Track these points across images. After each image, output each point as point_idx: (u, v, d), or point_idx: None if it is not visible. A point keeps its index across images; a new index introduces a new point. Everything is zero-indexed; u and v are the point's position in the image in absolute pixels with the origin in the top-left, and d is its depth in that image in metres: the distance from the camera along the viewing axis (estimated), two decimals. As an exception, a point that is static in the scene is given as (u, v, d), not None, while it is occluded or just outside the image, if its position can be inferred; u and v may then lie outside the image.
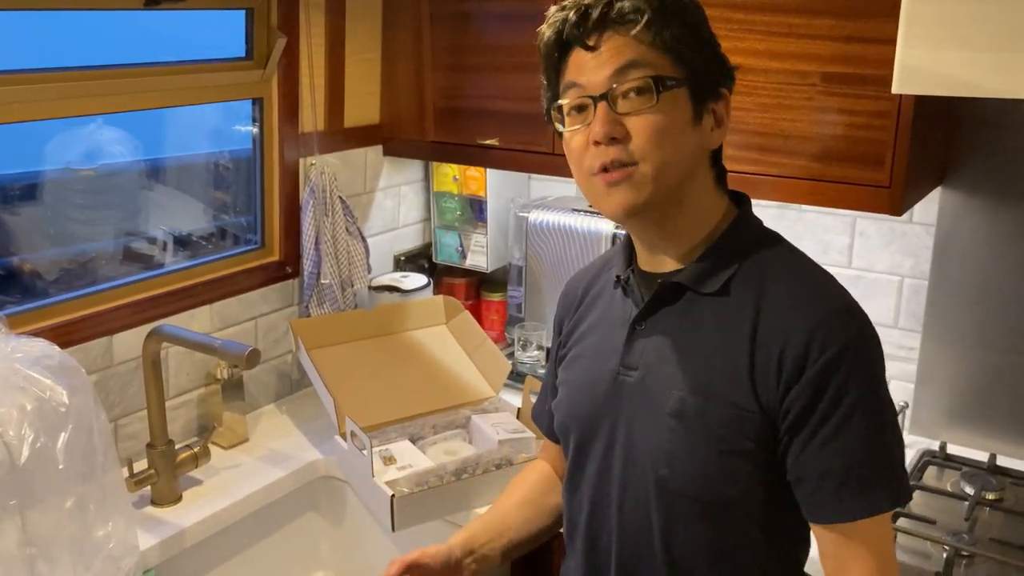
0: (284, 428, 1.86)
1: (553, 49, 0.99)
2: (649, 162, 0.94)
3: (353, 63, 1.97)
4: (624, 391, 1.04)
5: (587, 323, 1.13)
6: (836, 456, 0.92)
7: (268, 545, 1.69)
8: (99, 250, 1.80)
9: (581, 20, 0.95)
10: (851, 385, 0.91)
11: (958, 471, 1.66)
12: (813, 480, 0.94)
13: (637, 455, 1.02)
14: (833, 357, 0.91)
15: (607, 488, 1.06)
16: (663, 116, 0.94)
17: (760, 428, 0.95)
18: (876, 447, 0.93)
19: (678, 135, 0.96)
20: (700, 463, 0.97)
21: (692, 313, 1.00)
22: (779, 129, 1.54)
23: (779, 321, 0.94)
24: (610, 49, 0.95)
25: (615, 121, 0.94)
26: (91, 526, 1.17)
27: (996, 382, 1.70)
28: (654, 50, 0.94)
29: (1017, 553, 1.41)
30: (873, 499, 0.93)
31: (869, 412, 0.92)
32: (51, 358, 1.17)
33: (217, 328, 1.81)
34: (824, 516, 0.95)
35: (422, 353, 1.90)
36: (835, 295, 0.97)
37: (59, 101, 1.51)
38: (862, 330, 0.94)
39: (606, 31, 0.95)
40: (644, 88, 0.94)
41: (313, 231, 1.89)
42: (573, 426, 1.11)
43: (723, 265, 1.00)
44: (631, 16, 0.94)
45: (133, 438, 1.66)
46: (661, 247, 1.03)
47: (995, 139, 1.63)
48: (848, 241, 1.81)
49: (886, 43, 1.37)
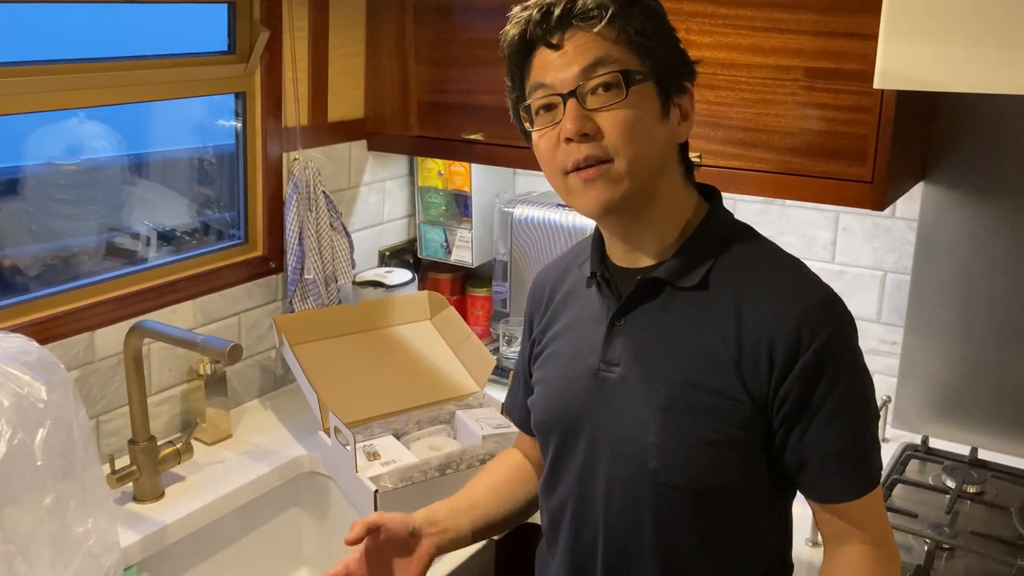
0: (268, 424, 1.85)
1: (517, 49, 0.99)
2: (623, 157, 0.95)
3: (337, 57, 1.96)
4: (607, 387, 1.04)
5: (562, 321, 1.12)
6: (837, 438, 0.96)
7: (252, 541, 1.68)
8: (82, 245, 1.79)
9: (544, 19, 0.96)
10: (842, 369, 0.95)
11: (940, 465, 1.67)
12: (817, 462, 0.97)
13: (624, 450, 1.02)
14: (823, 344, 0.94)
15: (592, 484, 1.06)
16: (633, 110, 0.95)
17: (750, 417, 0.96)
18: (867, 426, 0.98)
19: (649, 129, 0.96)
20: (690, 454, 0.98)
21: (672, 308, 1.01)
22: (762, 124, 1.55)
23: (763, 313, 0.96)
24: (575, 47, 0.95)
25: (585, 117, 0.94)
26: (71, 523, 1.16)
27: (978, 376, 1.71)
28: (619, 46, 0.95)
29: (997, 546, 1.42)
30: (870, 474, 0.99)
31: (859, 393, 0.97)
32: (29, 354, 1.16)
33: (200, 324, 1.80)
34: (833, 496, 0.99)
35: (406, 348, 1.89)
36: (814, 285, 1.00)
37: (39, 95, 1.49)
38: (844, 316, 0.98)
39: (569, 29, 0.95)
40: (613, 83, 0.94)
41: (296, 226, 1.88)
42: (553, 424, 1.10)
43: (700, 259, 1.00)
44: (594, 12, 0.94)
45: (115, 434, 1.65)
46: (636, 243, 1.03)
47: (977, 134, 1.64)
48: (831, 236, 1.82)
49: (868, 38, 1.38)
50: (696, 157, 1.60)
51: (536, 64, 0.98)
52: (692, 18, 1.56)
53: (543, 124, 0.98)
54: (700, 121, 1.59)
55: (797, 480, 1.00)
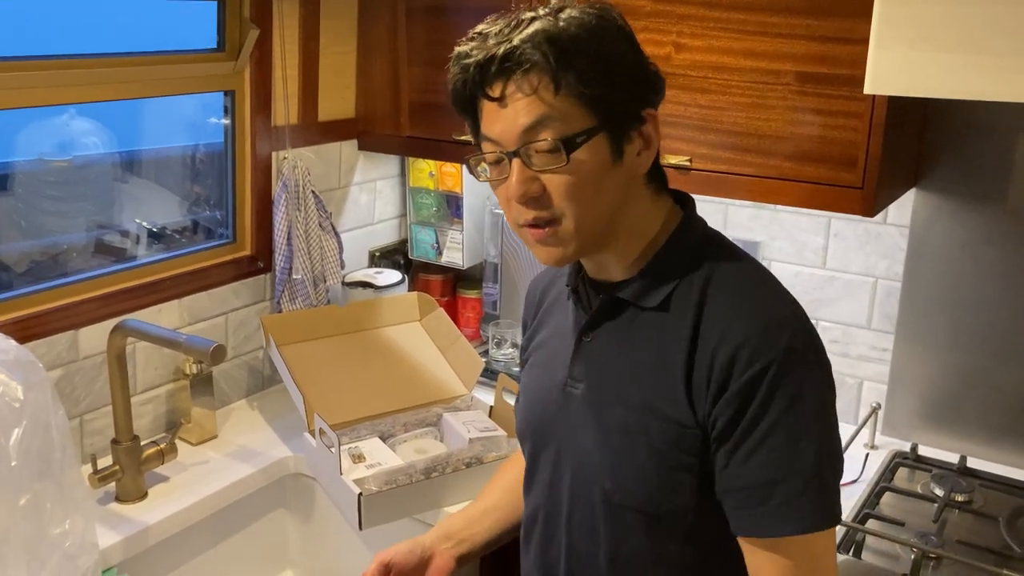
0: (254, 424, 1.84)
1: (461, 97, 0.96)
2: (570, 218, 0.93)
3: (327, 56, 1.95)
4: (572, 403, 1.04)
5: (545, 331, 1.13)
6: (756, 472, 0.91)
7: (236, 542, 1.67)
8: (71, 242, 1.78)
9: (484, 68, 0.91)
10: (772, 403, 0.89)
11: (928, 473, 1.66)
12: (735, 495, 0.93)
13: (584, 467, 1.02)
14: (756, 373, 0.89)
15: (558, 497, 1.06)
16: (576, 175, 0.91)
17: (700, 444, 0.94)
18: (798, 466, 0.90)
19: (597, 184, 0.93)
20: (643, 477, 0.97)
21: (634, 327, 1.00)
22: (754, 128, 1.54)
23: (713, 336, 0.93)
24: (516, 104, 0.91)
25: (531, 179, 0.92)
26: (47, 524, 1.14)
27: (968, 385, 1.70)
28: (562, 100, 0.90)
29: (984, 555, 1.41)
30: (797, 519, 0.91)
31: (791, 429, 0.90)
32: (6, 352, 1.14)
33: (186, 323, 1.79)
34: (745, 531, 0.94)
35: (395, 350, 1.88)
36: (771, 307, 0.95)
37: (28, 90, 1.48)
38: (790, 346, 0.91)
39: (510, 81, 0.90)
40: (553, 149, 0.90)
41: (285, 226, 1.87)
42: (527, 433, 1.12)
43: (665, 278, 0.98)
44: (531, 66, 0.89)
45: (99, 433, 1.64)
46: (604, 266, 1.03)
47: (969, 141, 1.63)
48: (823, 242, 1.81)
49: (860, 43, 1.37)
50: (687, 161, 1.59)
51: (484, 112, 0.94)
52: (684, 21, 1.55)
53: (495, 177, 0.96)
54: (691, 125, 1.59)
55: (724, 508, 0.95)
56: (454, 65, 0.95)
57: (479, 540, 1.18)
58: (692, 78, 1.57)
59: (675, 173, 1.60)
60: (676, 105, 1.59)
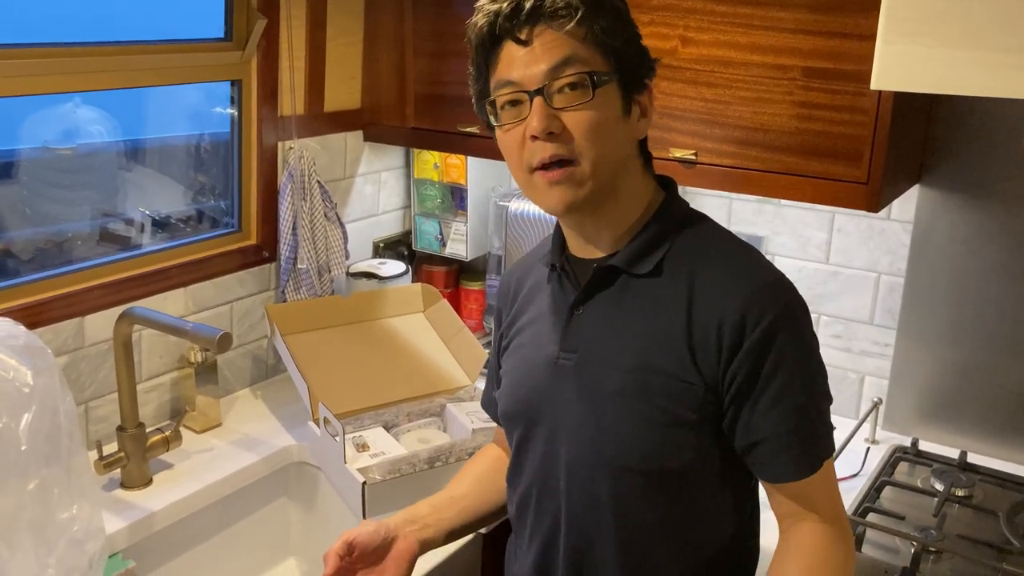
0: (258, 413, 1.85)
1: (485, 41, 0.99)
2: (588, 159, 0.97)
3: (334, 47, 1.95)
4: (565, 375, 1.06)
5: (527, 315, 1.15)
6: (784, 419, 0.98)
7: (239, 530, 1.68)
8: (75, 230, 1.78)
9: (514, 13, 0.96)
10: (788, 351, 0.97)
11: (929, 467, 1.66)
12: (765, 444, 0.99)
13: (582, 436, 1.04)
14: (769, 326, 0.96)
15: (553, 471, 1.08)
16: (598, 112, 0.96)
17: (702, 399, 0.99)
18: (815, 406, 1.00)
19: (612, 129, 0.98)
20: (645, 437, 1.00)
21: (627, 295, 1.03)
22: (759, 123, 1.54)
23: (714, 297, 0.98)
24: (543, 44, 0.95)
25: (552, 116, 0.95)
26: (54, 509, 1.15)
27: (969, 380, 1.71)
28: (586, 45, 0.96)
29: (983, 549, 1.42)
30: (818, 454, 1.00)
31: (807, 374, 0.99)
32: (16, 338, 1.15)
33: (192, 311, 1.79)
34: (781, 476, 1.00)
35: (398, 340, 1.89)
36: (764, 270, 1.02)
37: (34, 78, 1.48)
38: (792, 300, 1.00)
39: (538, 25, 0.96)
40: (580, 83, 0.95)
41: (290, 216, 1.87)
42: (516, 413, 1.13)
43: (654, 247, 1.03)
44: (563, 11, 0.95)
45: (104, 420, 1.65)
46: (594, 235, 1.06)
47: (974, 138, 1.64)
48: (826, 237, 1.81)
49: (866, 39, 1.38)
50: (692, 155, 1.60)
51: (503, 58, 0.98)
52: (690, 15, 1.55)
53: (508, 120, 0.99)
54: (697, 119, 1.59)
55: (747, 461, 1.02)
56: (478, 13, 0.99)
57: (444, 527, 1.18)
58: (698, 72, 1.57)
59: (681, 167, 1.62)
60: (682, 99, 1.59)
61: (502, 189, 2.15)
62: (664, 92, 1.59)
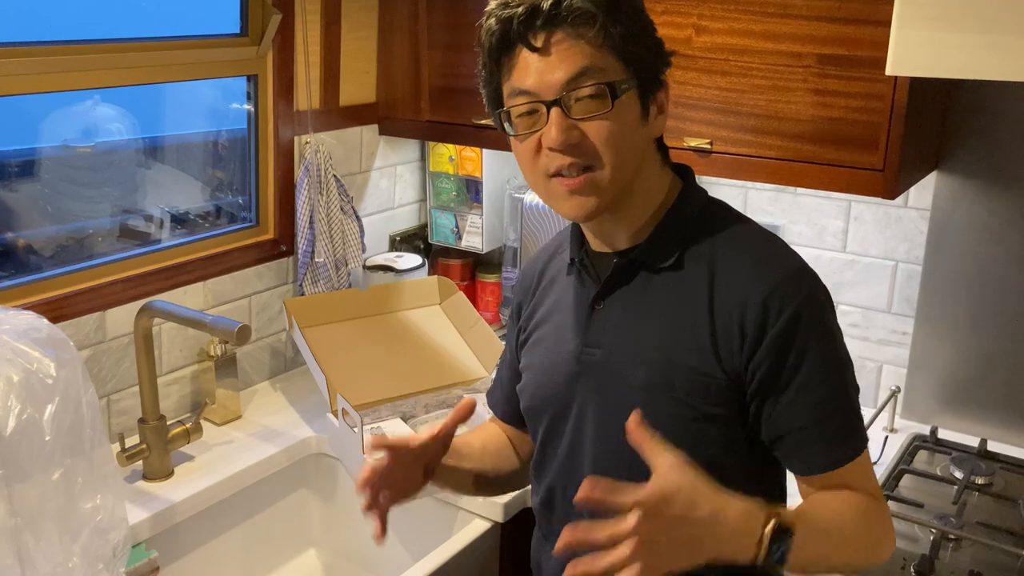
0: (277, 405, 1.86)
1: (497, 46, 0.96)
2: (607, 166, 0.96)
3: (349, 41, 1.96)
4: (589, 370, 1.05)
5: (545, 307, 1.14)
6: (812, 410, 0.96)
7: (259, 521, 1.70)
8: (96, 227, 1.80)
9: (529, 18, 0.92)
10: (812, 341, 0.95)
11: (948, 456, 1.66)
12: (792, 436, 0.97)
13: (608, 430, 1.03)
14: (791, 317, 0.94)
15: (579, 466, 1.07)
16: (618, 121, 0.95)
17: (726, 393, 0.98)
18: (842, 396, 0.98)
19: (631, 136, 0.97)
20: (671, 431, 0.97)
21: (649, 288, 1.02)
22: (774, 111, 1.54)
23: (735, 289, 0.97)
24: (560, 53, 0.92)
25: (571, 127, 0.94)
26: (78, 499, 1.17)
27: (988, 368, 1.70)
28: (604, 52, 0.93)
29: (1004, 536, 1.41)
30: (850, 444, 0.99)
31: (832, 364, 0.97)
32: (39, 331, 1.17)
33: (211, 305, 1.81)
34: (813, 468, 0.99)
35: (415, 333, 1.90)
36: (785, 259, 1.00)
37: (51, 75, 1.50)
38: (814, 289, 0.98)
39: (555, 32, 0.92)
40: (599, 94, 0.93)
41: (307, 210, 1.89)
42: (542, 408, 1.12)
43: (674, 240, 1.02)
44: (581, 18, 0.92)
45: (126, 413, 1.67)
46: (612, 231, 1.05)
47: (992, 123, 1.62)
48: (843, 225, 1.81)
49: (881, 25, 1.37)
50: (707, 143, 1.60)
51: (517, 65, 0.95)
52: (704, 4, 1.55)
53: (524, 129, 0.97)
54: (712, 107, 1.59)
55: (776, 453, 1.01)
56: (490, 18, 0.96)
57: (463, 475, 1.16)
58: (713, 61, 1.57)
59: (696, 156, 1.61)
60: (697, 88, 1.59)
61: (517, 181, 2.15)
62: (678, 81, 1.59)
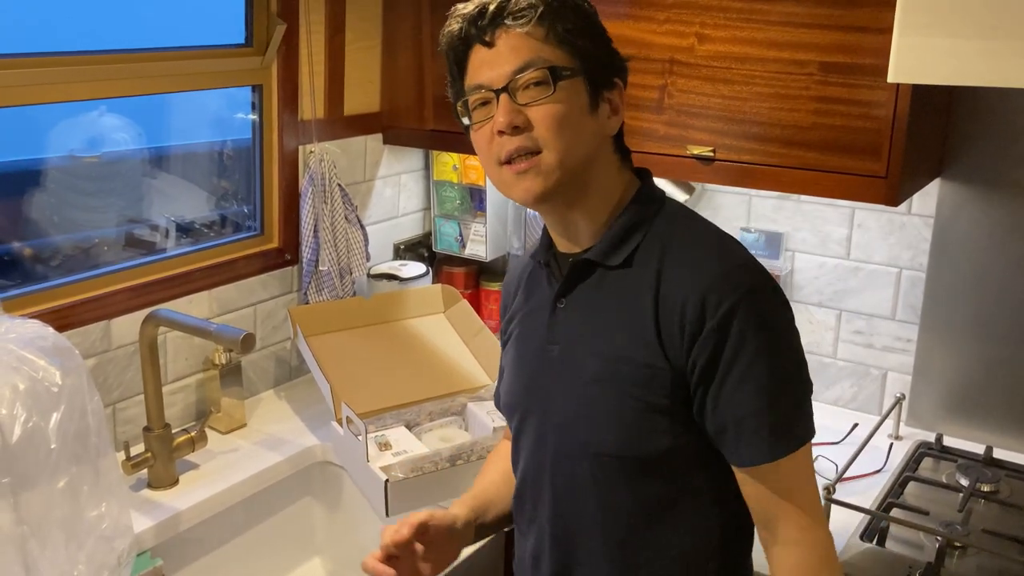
0: (282, 414, 1.87)
1: (456, 46, 1.04)
2: (552, 149, 1.00)
3: (353, 51, 1.97)
4: (550, 366, 1.10)
5: (523, 310, 1.18)
6: (749, 400, 0.98)
7: (264, 529, 1.70)
8: (102, 236, 1.81)
9: (479, 17, 1.01)
10: (749, 334, 0.97)
11: (954, 463, 1.65)
12: (730, 428, 0.99)
13: (564, 423, 1.08)
14: (729, 309, 0.97)
15: (542, 459, 1.11)
16: (561, 105, 1.00)
17: (671, 384, 1.00)
18: (782, 390, 0.99)
19: (577, 122, 1.01)
20: (620, 423, 1.02)
21: (603, 286, 1.06)
22: (777, 119, 1.54)
23: (679, 284, 1.00)
24: (507, 46, 1.00)
25: (516, 111, 1.00)
26: (84, 507, 1.17)
27: (993, 375, 1.70)
28: (549, 44, 1.00)
29: (1010, 544, 1.41)
30: (789, 438, 0.99)
31: (772, 357, 0.98)
32: (45, 339, 1.17)
33: (216, 314, 1.82)
34: (748, 458, 1.00)
35: (419, 341, 1.90)
36: (730, 255, 1.02)
37: (57, 85, 1.51)
38: (757, 283, 1.00)
39: (501, 27, 1.00)
40: (541, 80, 0.99)
41: (312, 219, 1.89)
42: (513, 404, 1.17)
43: (627, 238, 1.05)
44: (525, 12, 0.99)
45: (131, 422, 1.67)
46: (572, 230, 1.08)
47: (995, 130, 1.62)
48: (847, 232, 1.81)
49: (883, 32, 1.37)
50: (710, 152, 1.60)
51: (473, 62, 1.03)
52: (707, 12, 1.55)
53: (479, 118, 1.03)
54: (714, 115, 1.59)
55: (719, 447, 1.02)
56: (453, 16, 1.04)
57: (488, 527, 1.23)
58: (715, 69, 1.57)
59: (699, 164, 1.62)
60: (699, 96, 1.59)
61: (521, 190, 2.15)
62: (681, 89, 1.60)
